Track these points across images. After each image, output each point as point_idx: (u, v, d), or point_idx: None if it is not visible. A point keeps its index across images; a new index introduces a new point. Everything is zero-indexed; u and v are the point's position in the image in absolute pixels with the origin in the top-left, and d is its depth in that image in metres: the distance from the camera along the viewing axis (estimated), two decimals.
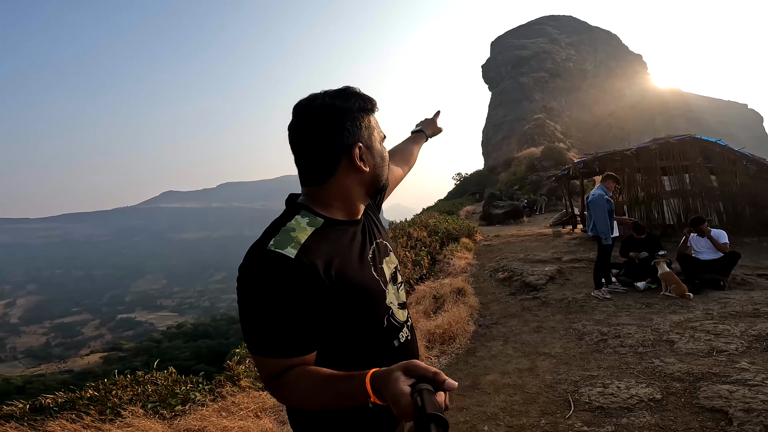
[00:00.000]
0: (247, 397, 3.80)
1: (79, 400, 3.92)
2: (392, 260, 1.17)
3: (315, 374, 0.90)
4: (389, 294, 1.08)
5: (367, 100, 1.05)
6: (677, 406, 2.95)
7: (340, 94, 1.03)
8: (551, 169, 25.90)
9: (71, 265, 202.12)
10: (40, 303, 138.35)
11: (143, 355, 36.75)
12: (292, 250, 0.91)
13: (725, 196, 10.18)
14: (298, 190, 1.11)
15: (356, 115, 1.02)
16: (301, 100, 1.03)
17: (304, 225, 0.98)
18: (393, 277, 1.13)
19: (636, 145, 11.49)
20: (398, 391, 0.74)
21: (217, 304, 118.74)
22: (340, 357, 0.99)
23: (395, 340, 1.07)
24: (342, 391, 0.85)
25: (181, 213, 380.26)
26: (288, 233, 0.95)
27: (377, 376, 0.80)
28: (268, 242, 0.93)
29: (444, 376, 0.76)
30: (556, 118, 49.63)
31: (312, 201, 1.04)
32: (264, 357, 0.92)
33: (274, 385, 0.93)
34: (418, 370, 0.77)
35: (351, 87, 1.05)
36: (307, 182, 1.05)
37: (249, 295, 0.91)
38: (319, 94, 1.03)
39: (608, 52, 70.88)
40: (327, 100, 1.01)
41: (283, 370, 0.92)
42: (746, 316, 4.69)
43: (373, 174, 1.06)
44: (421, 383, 0.75)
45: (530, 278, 7.05)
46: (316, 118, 0.99)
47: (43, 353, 73.73)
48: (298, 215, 1.01)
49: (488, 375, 3.93)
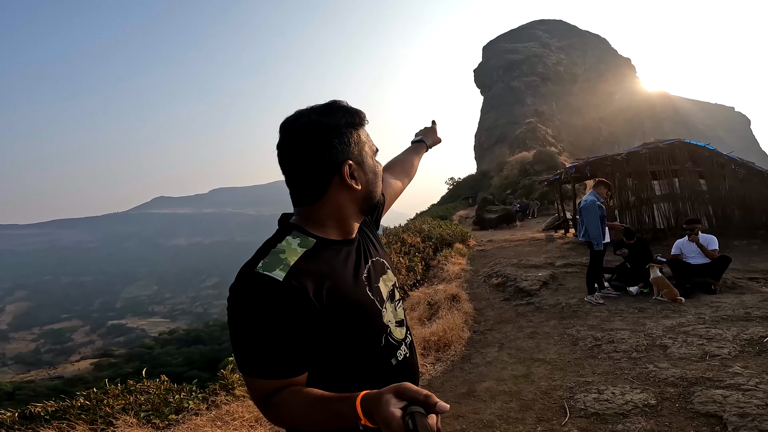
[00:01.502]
0: (241, 406, 3.77)
1: (70, 408, 3.86)
2: (390, 278, 1.14)
3: (306, 395, 0.89)
4: (386, 313, 1.07)
5: (354, 114, 1.03)
6: (672, 411, 2.97)
7: (326, 110, 1.00)
8: (543, 173, 26.09)
9: (60, 271, 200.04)
10: (29, 309, 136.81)
11: (135, 361, 36.38)
12: (281, 272, 0.90)
13: (714, 199, 10.29)
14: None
15: (344, 131, 0.99)
16: (287, 118, 1.01)
17: (294, 246, 0.97)
18: (390, 295, 1.12)
19: (626, 150, 11.60)
20: (389, 414, 0.73)
21: (209, 310, 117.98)
22: (338, 377, 0.98)
23: (393, 359, 1.05)
24: (333, 412, 0.84)
25: (172, 219, 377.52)
26: (277, 255, 0.94)
27: (368, 398, 0.79)
28: (257, 264, 0.92)
29: (435, 398, 0.75)
30: (547, 122, 50.06)
31: (304, 221, 1.03)
32: (254, 378, 0.92)
33: (266, 405, 0.92)
34: (409, 392, 0.76)
35: (337, 101, 1.03)
36: (298, 202, 1.03)
37: (238, 316, 0.91)
38: (305, 111, 1.01)
39: (598, 56, 71.71)
40: (313, 117, 0.99)
41: (273, 390, 0.91)
42: (738, 319, 4.73)
43: (365, 191, 1.04)
44: (413, 406, 0.74)
45: (524, 284, 7.08)
46: (302, 136, 0.97)
47: (32, 359, 73.04)
48: (290, 236, 1.00)
49: (484, 382, 3.94)
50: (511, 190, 27.52)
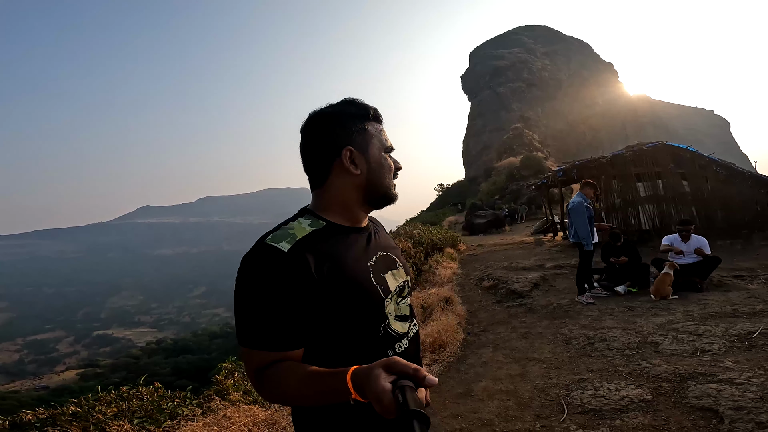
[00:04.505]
0: (238, 411, 3.74)
1: (61, 416, 3.80)
2: (401, 275, 1.18)
3: (300, 369, 0.92)
4: (389, 304, 1.09)
5: (363, 107, 1.12)
6: (668, 405, 3.02)
7: (339, 103, 1.12)
8: (530, 177, 26.34)
9: (42, 282, 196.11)
10: (11, 320, 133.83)
11: (121, 371, 35.76)
12: (287, 244, 0.96)
13: (697, 200, 10.51)
14: (279, 205, 1.15)
15: (349, 121, 1.09)
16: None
17: (305, 226, 1.04)
18: (399, 291, 1.15)
19: (611, 153, 11.79)
20: (380, 388, 0.75)
21: (197, 320, 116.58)
22: (333, 359, 1.00)
23: (390, 350, 1.07)
24: (324, 387, 0.86)
25: (157, 228, 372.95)
26: (287, 230, 1.01)
27: (358, 372, 0.81)
28: (267, 237, 1.00)
29: (424, 372, 0.78)
30: (533, 127, 50.59)
31: (315, 205, 1.11)
32: (252, 349, 0.95)
33: (259, 378, 0.95)
34: (398, 366, 0.78)
35: (352, 97, 1.13)
36: (311, 186, 1.12)
37: (242, 285, 0.96)
38: (324, 106, 1.12)
39: (581, 61, 72.84)
40: (325, 108, 1.11)
41: (269, 363, 0.95)
42: (726, 316, 4.83)
43: (366, 179, 1.09)
44: (402, 380, 0.76)
45: (515, 286, 7.14)
46: (312, 123, 1.10)
47: (16, 370, 71.59)
48: (302, 217, 1.08)
49: (480, 382, 3.96)
50: (499, 196, 27.73)
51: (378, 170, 1.11)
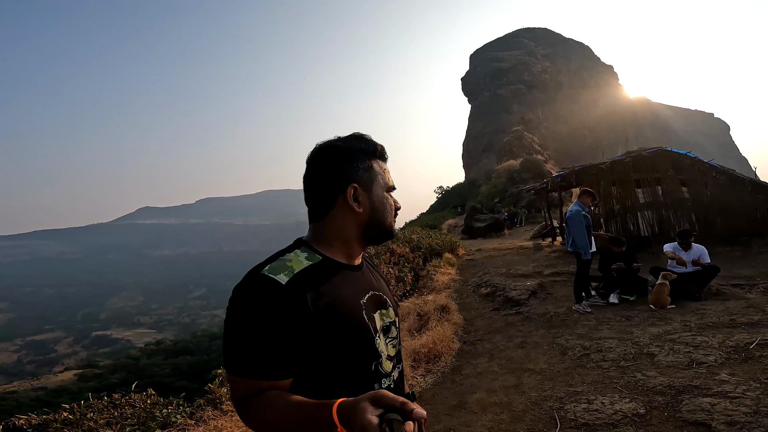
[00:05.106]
0: (230, 421, 3.72)
1: (53, 422, 3.80)
2: (389, 315, 1.17)
3: (286, 399, 0.91)
4: (380, 342, 1.09)
5: (371, 144, 1.12)
6: (661, 420, 3.00)
7: (348, 138, 1.12)
8: (530, 181, 26.30)
9: (42, 282, 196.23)
10: (11, 321, 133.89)
11: (120, 372, 35.77)
12: (285, 277, 0.96)
13: (697, 206, 10.46)
14: (279, 205, 1.13)
15: (357, 157, 1.08)
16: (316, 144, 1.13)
17: (302, 259, 1.03)
18: (385, 330, 1.13)
19: (611, 158, 11.76)
20: (366, 421, 0.74)
21: (197, 321, 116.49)
22: (321, 391, 0.99)
23: (376, 384, 1.07)
24: (309, 418, 0.85)
25: (158, 229, 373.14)
26: (284, 262, 1.00)
27: (345, 405, 0.80)
28: (264, 267, 0.98)
29: (412, 405, 0.77)
30: (533, 129, 50.59)
31: (313, 238, 1.10)
32: (242, 377, 0.94)
33: (245, 406, 0.94)
34: (386, 399, 0.77)
35: (361, 133, 1.13)
36: (311, 218, 1.12)
37: (235, 314, 0.95)
38: (332, 139, 1.12)
39: (581, 64, 72.92)
40: (334, 142, 1.10)
41: (256, 392, 0.94)
42: (723, 326, 4.81)
43: (368, 217, 1.09)
44: (390, 413, 0.75)
45: (513, 293, 7.12)
46: (318, 156, 1.09)
47: (15, 370, 71.68)
48: (298, 249, 1.06)
49: (475, 393, 3.94)
50: (498, 199, 27.71)
51: (380, 210, 1.11)
